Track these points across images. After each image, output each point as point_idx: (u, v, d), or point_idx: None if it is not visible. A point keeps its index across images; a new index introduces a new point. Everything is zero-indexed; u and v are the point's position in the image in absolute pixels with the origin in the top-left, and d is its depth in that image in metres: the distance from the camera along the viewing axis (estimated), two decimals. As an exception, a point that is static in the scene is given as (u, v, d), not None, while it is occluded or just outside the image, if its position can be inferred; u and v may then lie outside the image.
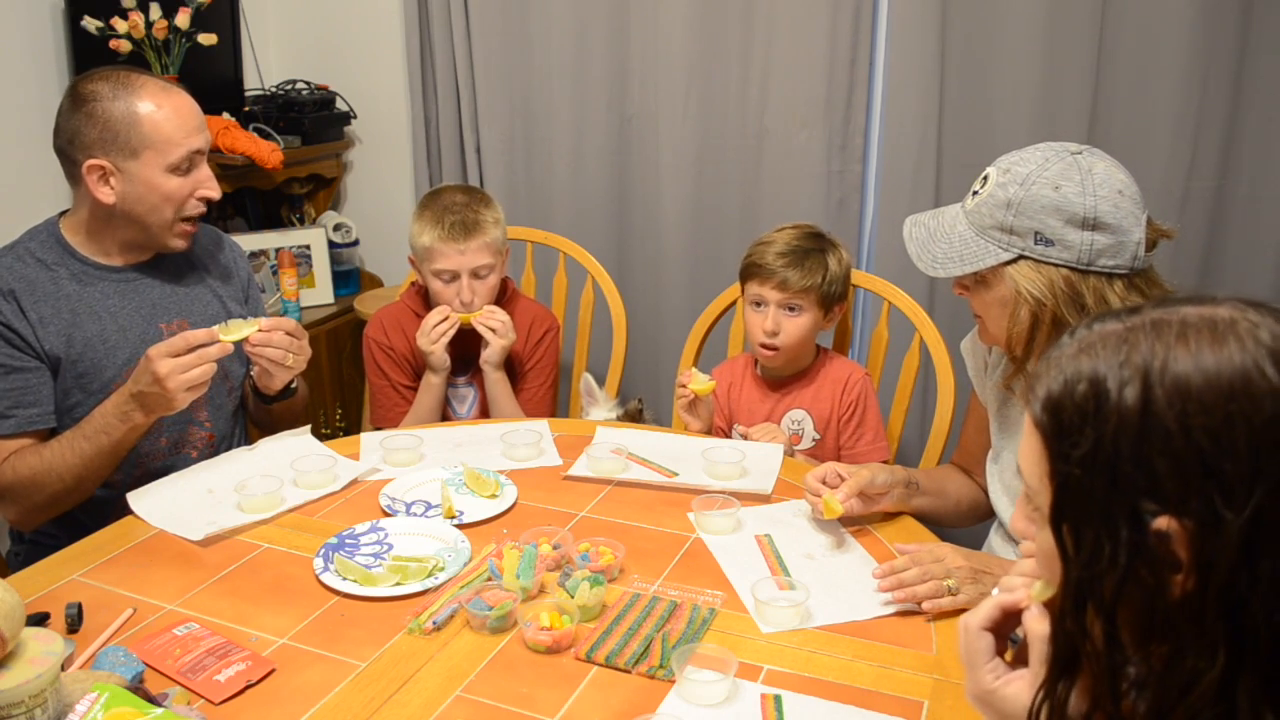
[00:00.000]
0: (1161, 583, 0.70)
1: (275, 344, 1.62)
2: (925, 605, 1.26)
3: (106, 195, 1.58)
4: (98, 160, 1.56)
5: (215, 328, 1.55)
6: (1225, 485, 0.67)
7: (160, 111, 1.58)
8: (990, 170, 1.35)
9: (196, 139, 1.62)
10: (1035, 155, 1.32)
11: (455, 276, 1.97)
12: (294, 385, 1.80)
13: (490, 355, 1.99)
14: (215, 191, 1.67)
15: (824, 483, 1.45)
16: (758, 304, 1.83)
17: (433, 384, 2.01)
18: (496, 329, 1.97)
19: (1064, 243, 1.28)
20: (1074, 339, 0.77)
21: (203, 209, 1.68)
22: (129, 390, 1.53)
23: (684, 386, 1.82)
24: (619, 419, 1.97)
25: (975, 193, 1.36)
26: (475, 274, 1.97)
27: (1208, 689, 0.69)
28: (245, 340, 1.60)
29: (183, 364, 1.49)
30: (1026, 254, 1.30)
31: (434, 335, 1.95)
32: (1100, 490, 0.72)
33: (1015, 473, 1.50)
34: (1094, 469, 0.72)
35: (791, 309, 1.80)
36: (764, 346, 1.83)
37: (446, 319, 1.96)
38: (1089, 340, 0.75)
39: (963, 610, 1.23)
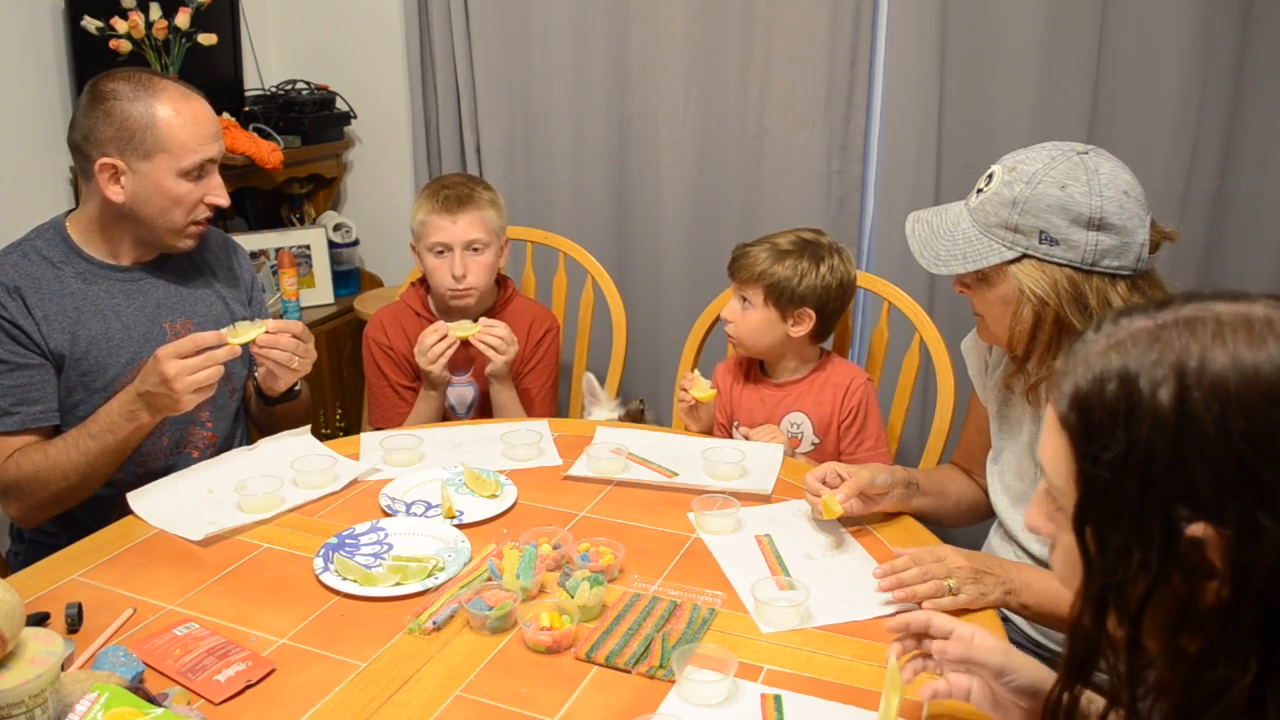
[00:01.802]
0: (1194, 590, 0.68)
1: (281, 346, 1.62)
2: (925, 605, 1.25)
3: (116, 194, 1.59)
4: (110, 159, 1.57)
5: (223, 330, 1.56)
6: (1265, 492, 0.65)
7: (178, 117, 1.58)
8: (995, 168, 1.35)
9: (210, 147, 1.63)
10: (1041, 154, 1.31)
11: (448, 249, 1.95)
12: (297, 387, 1.81)
13: (494, 370, 1.96)
14: (224, 200, 1.68)
15: (824, 483, 1.45)
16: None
17: (432, 397, 1.99)
18: (496, 345, 1.91)
19: (1069, 242, 1.28)
20: (1100, 333, 0.73)
21: (210, 214, 1.69)
22: (136, 390, 1.53)
23: (685, 391, 1.82)
24: (621, 419, 1.97)
25: (980, 190, 1.35)
26: (468, 247, 1.96)
27: (1238, 697, 0.67)
28: (252, 342, 1.60)
29: (190, 365, 1.49)
30: (1030, 253, 1.30)
31: (432, 355, 1.90)
32: (1131, 495, 0.69)
33: (1015, 473, 1.50)
34: (1125, 473, 0.69)
35: (743, 300, 1.84)
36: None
37: (444, 338, 1.90)
38: (1118, 336, 0.72)
39: (963, 610, 1.23)
